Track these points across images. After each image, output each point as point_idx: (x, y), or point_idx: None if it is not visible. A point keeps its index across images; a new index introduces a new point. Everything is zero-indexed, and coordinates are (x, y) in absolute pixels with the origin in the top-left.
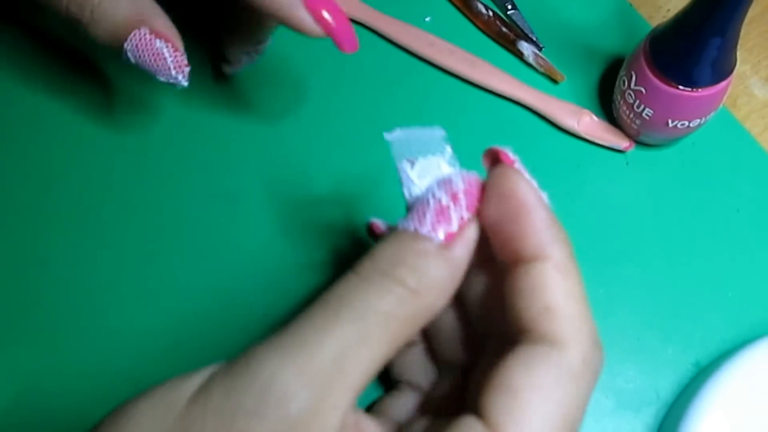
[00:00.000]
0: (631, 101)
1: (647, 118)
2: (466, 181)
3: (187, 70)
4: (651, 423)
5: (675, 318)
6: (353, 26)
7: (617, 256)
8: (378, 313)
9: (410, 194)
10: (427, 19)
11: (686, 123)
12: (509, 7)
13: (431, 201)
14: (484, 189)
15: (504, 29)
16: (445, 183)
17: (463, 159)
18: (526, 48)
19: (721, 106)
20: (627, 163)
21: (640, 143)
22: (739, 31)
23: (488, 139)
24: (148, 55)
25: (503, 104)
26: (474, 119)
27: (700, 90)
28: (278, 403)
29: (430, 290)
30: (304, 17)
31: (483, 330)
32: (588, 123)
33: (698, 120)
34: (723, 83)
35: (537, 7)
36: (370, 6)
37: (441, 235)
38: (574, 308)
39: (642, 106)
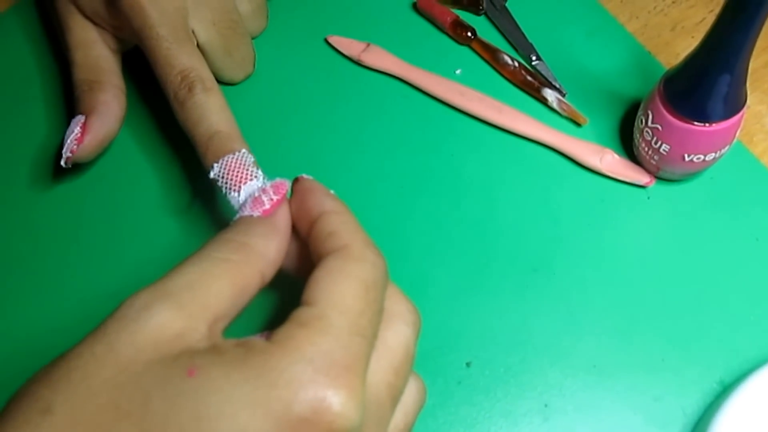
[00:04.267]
0: (649, 138)
1: (665, 153)
2: (272, 182)
3: (68, 156)
4: None
5: (699, 340)
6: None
7: (642, 284)
8: (213, 258)
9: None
10: (458, 71)
11: (702, 157)
12: (534, 58)
13: (248, 199)
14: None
15: (529, 78)
16: (258, 188)
17: (493, 198)
18: (550, 94)
19: (735, 140)
20: (648, 198)
21: (660, 179)
22: (747, 68)
23: (517, 179)
24: (70, 128)
25: (530, 146)
26: (503, 161)
27: (713, 125)
28: (140, 314)
29: (257, 243)
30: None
31: None
32: (610, 161)
33: (713, 154)
34: (735, 118)
35: (560, 57)
36: (406, 61)
37: (257, 213)
38: (346, 228)
39: (659, 142)
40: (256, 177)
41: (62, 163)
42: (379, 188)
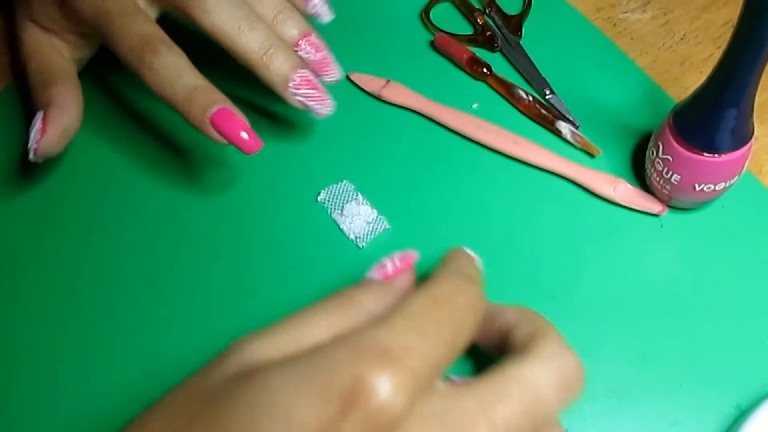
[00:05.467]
0: (661, 168)
1: (675, 183)
2: (401, 253)
3: (35, 147)
4: None
5: (716, 365)
6: (252, 134)
7: (658, 310)
8: (319, 306)
9: (348, 231)
10: (475, 105)
11: (712, 186)
12: (547, 92)
13: (376, 265)
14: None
15: (543, 111)
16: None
17: (510, 227)
18: (564, 127)
19: (744, 170)
20: (662, 226)
21: (672, 207)
22: (753, 101)
23: (533, 208)
24: (32, 123)
25: (545, 177)
26: (519, 191)
27: (722, 155)
28: (232, 350)
29: (367, 299)
30: (213, 135)
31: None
32: (623, 190)
33: (723, 183)
34: (743, 149)
35: (573, 91)
36: (425, 96)
37: (378, 276)
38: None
39: (670, 173)
40: (355, 199)
41: (30, 157)
42: (400, 217)
